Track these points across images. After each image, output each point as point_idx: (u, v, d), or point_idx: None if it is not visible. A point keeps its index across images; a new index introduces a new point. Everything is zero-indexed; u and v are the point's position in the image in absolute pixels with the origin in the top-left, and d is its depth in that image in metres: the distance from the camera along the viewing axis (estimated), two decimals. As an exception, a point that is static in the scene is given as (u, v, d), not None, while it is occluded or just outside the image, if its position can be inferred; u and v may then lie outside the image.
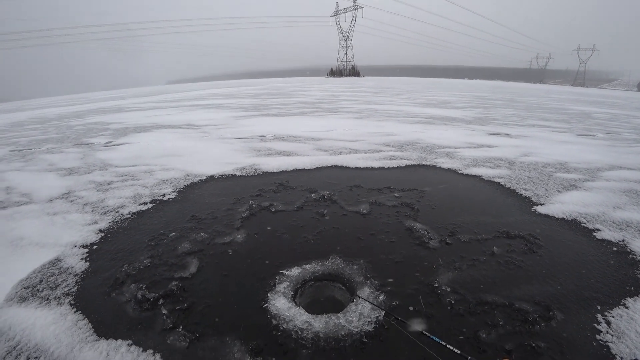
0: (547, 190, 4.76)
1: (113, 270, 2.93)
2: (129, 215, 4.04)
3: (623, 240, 3.35)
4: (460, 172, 5.68)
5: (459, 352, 1.63)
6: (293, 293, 2.63)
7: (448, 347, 1.69)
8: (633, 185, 4.99)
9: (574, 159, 6.61)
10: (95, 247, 3.33)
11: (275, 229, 3.68)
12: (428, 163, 6.18)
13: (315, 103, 18.45)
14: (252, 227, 3.74)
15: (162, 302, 2.51)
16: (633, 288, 2.63)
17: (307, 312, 2.40)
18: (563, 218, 3.90)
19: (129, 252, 3.24)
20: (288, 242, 3.42)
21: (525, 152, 7.20)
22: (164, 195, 4.64)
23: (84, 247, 3.32)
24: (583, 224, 3.74)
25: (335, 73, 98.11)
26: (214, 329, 2.26)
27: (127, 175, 5.59)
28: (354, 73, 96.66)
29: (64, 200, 4.54)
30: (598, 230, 3.57)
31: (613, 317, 2.31)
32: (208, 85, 51.25)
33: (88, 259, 3.10)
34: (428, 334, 1.83)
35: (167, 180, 5.28)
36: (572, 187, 4.93)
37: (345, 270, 2.87)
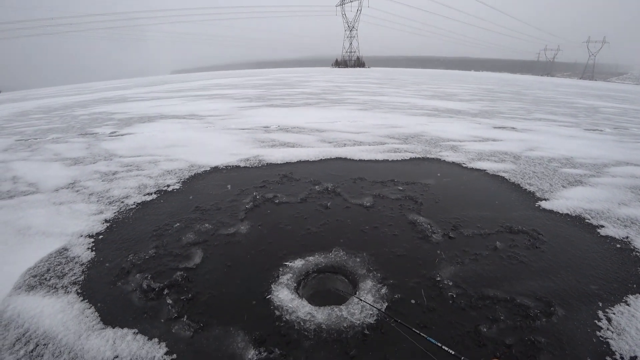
0: (551, 186, 4.74)
1: (119, 260, 2.97)
2: (134, 206, 4.08)
3: (627, 237, 3.34)
4: (465, 165, 5.66)
5: (453, 352, 1.67)
6: (296, 285, 2.66)
7: (443, 348, 1.73)
8: (639, 182, 4.94)
9: (580, 154, 6.54)
10: (101, 236, 3.38)
11: (279, 221, 3.70)
12: (432, 156, 6.15)
13: (320, 94, 18.33)
14: (255, 218, 3.77)
15: (167, 292, 2.55)
16: (635, 285, 2.63)
17: (309, 303, 2.43)
18: (567, 214, 3.88)
19: (135, 242, 3.29)
20: (291, 233, 3.45)
21: (531, 146, 7.13)
22: (169, 186, 4.67)
23: (90, 236, 3.36)
24: (587, 220, 3.72)
25: (340, 64, 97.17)
26: (218, 319, 2.30)
27: (131, 166, 5.63)
28: (359, 64, 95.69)
29: (70, 190, 4.58)
30: (602, 227, 3.56)
31: (614, 313, 2.32)
32: (212, 75, 51.05)
33: (94, 249, 3.15)
34: (425, 336, 1.86)
35: (171, 171, 5.31)
36: (577, 182, 4.90)
37: (348, 263, 2.89)
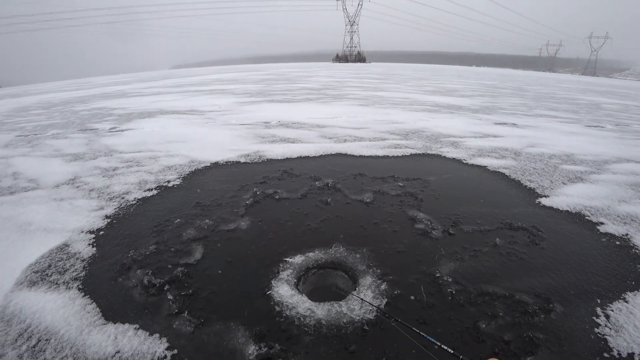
0: (552, 182, 4.73)
1: (119, 256, 2.98)
2: (135, 202, 4.08)
3: (627, 235, 3.34)
4: (465, 162, 5.65)
5: (452, 351, 1.68)
6: (296, 280, 2.68)
7: (442, 347, 1.74)
8: (640, 178, 4.94)
9: (581, 151, 6.53)
10: (102, 232, 3.39)
11: (279, 217, 3.71)
12: (433, 152, 6.14)
13: (320, 89, 18.26)
14: (256, 214, 3.77)
15: (167, 287, 2.57)
16: (634, 282, 2.64)
17: (309, 299, 2.44)
18: (567, 210, 3.89)
19: (135, 238, 3.30)
20: (292, 229, 3.46)
21: (532, 142, 7.12)
22: (169, 182, 4.67)
23: (91, 232, 3.37)
24: (587, 217, 3.73)
25: (341, 59, 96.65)
26: (219, 315, 2.32)
27: (132, 161, 5.63)
28: (360, 59, 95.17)
29: (70, 186, 4.59)
30: (602, 224, 3.56)
31: (612, 310, 2.33)
32: (212, 70, 50.83)
33: (95, 245, 3.16)
34: (424, 335, 1.87)
35: (171, 167, 5.31)
36: (577, 179, 4.90)
37: (348, 259, 2.90)
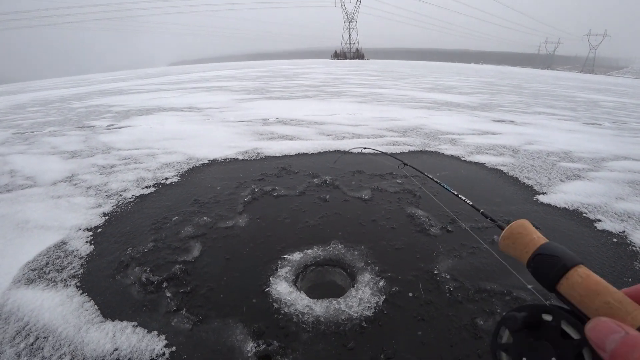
0: (550, 180, 4.75)
1: (117, 254, 2.98)
2: (132, 199, 4.07)
3: (624, 232, 3.36)
4: (464, 159, 5.66)
5: (471, 203, 1.26)
6: (294, 277, 2.68)
7: (460, 197, 1.38)
8: (637, 177, 4.96)
9: (579, 148, 6.55)
10: (100, 230, 3.38)
11: (278, 214, 3.71)
12: (431, 149, 6.14)
13: (319, 86, 18.22)
14: (254, 211, 3.77)
15: (165, 285, 2.56)
16: (631, 279, 2.66)
17: (308, 296, 2.44)
18: (565, 208, 3.90)
19: (133, 235, 3.29)
20: (290, 226, 3.45)
21: (530, 140, 7.13)
22: (167, 179, 4.66)
23: (89, 230, 3.36)
24: (584, 215, 3.74)
25: (339, 55, 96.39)
26: (217, 312, 2.31)
27: (129, 159, 5.61)
28: (358, 56, 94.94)
29: (68, 184, 4.57)
30: (599, 221, 3.58)
31: (610, 306, 2.34)
32: (210, 67, 50.59)
33: (93, 242, 3.15)
34: (439, 182, 1.68)
35: (169, 164, 5.29)
36: (575, 176, 4.91)
37: (347, 256, 2.90)
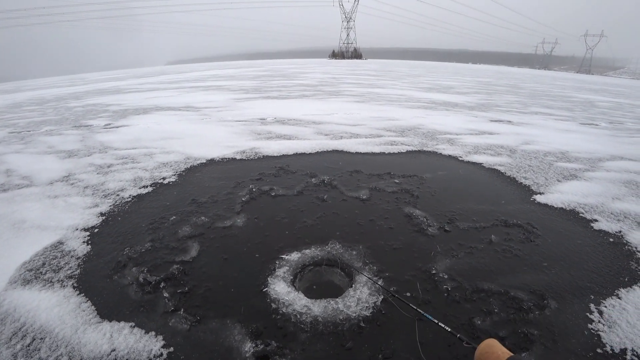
0: (547, 180, 4.77)
1: (115, 254, 2.96)
2: (130, 199, 4.05)
3: (620, 232, 3.38)
4: (461, 159, 5.67)
5: (450, 329, 1.63)
6: (292, 277, 2.68)
7: (440, 324, 1.70)
8: (633, 177, 4.99)
9: (576, 148, 6.58)
10: (97, 230, 3.36)
11: (276, 214, 3.70)
12: (429, 149, 6.15)
13: (317, 86, 18.22)
14: (252, 211, 3.76)
15: (163, 285, 2.56)
16: (627, 279, 2.68)
17: (306, 296, 2.44)
18: (562, 208, 3.92)
19: (130, 235, 3.28)
20: (288, 226, 3.45)
21: (527, 140, 7.16)
22: (164, 179, 4.64)
23: (86, 230, 3.35)
24: (581, 214, 3.76)
25: (337, 55, 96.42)
26: (215, 312, 2.31)
27: (127, 158, 5.58)
28: (356, 55, 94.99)
29: (65, 183, 4.54)
30: (596, 221, 3.60)
31: (606, 307, 2.36)
32: (208, 66, 50.47)
33: (90, 242, 3.14)
34: (422, 312, 1.84)
35: (167, 164, 5.27)
36: (572, 176, 4.94)
37: (345, 256, 2.90)
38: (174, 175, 4.78)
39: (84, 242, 3.13)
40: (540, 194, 4.26)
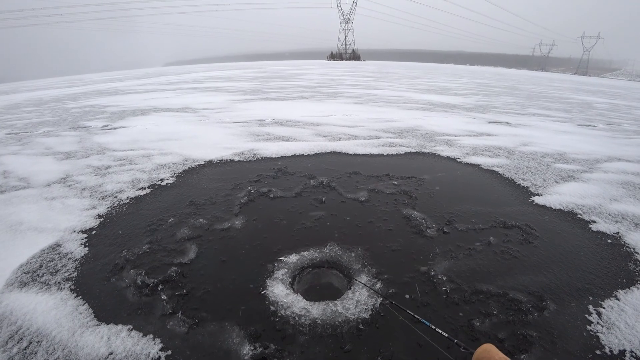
0: (545, 181, 4.78)
1: (112, 256, 2.95)
2: (128, 201, 4.04)
3: (618, 233, 3.39)
4: (459, 160, 5.68)
5: (447, 335, 1.66)
6: (291, 279, 2.67)
7: (437, 330, 1.72)
8: (631, 178, 5.01)
9: (573, 150, 6.61)
10: (94, 232, 3.35)
11: (274, 215, 3.70)
12: (427, 151, 6.16)
13: (315, 87, 18.23)
14: (250, 213, 3.76)
15: (161, 287, 2.55)
16: (625, 280, 2.68)
17: (304, 298, 2.43)
18: (560, 209, 3.93)
19: (128, 237, 3.26)
20: (286, 228, 3.45)
21: (525, 141, 7.18)
22: (162, 180, 4.63)
23: (83, 232, 3.33)
24: (579, 216, 3.77)
25: (335, 57, 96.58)
26: (213, 315, 2.30)
27: (125, 160, 5.57)
28: (354, 57, 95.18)
29: (62, 185, 4.52)
30: (594, 222, 3.61)
31: (604, 308, 2.36)
32: (206, 68, 50.45)
33: (87, 244, 3.12)
34: (419, 317, 1.86)
35: (165, 165, 5.26)
36: (570, 178, 4.95)
37: (343, 258, 2.90)
38: (172, 177, 4.76)
39: (82, 244, 3.12)
40: (539, 195, 4.27)
